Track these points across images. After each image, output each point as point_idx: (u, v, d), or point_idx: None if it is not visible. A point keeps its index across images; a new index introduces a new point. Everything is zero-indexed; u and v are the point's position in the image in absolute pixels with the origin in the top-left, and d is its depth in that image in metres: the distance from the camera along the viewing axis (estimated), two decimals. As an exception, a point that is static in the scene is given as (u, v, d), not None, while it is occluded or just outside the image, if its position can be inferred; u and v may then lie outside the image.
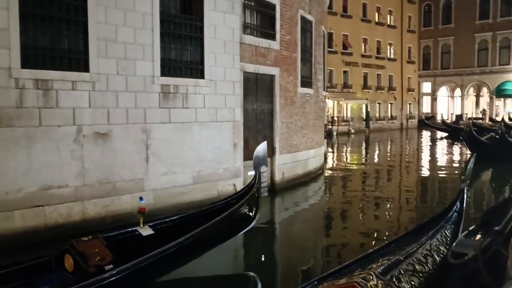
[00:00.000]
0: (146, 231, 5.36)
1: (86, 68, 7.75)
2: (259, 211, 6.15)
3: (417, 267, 4.30)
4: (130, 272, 4.58)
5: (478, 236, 5.36)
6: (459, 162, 20.19)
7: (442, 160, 21.07)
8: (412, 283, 4.03)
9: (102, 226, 7.72)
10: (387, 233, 8.32)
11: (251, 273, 6.69)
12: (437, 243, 5.00)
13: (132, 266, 4.58)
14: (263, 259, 7.39)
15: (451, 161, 20.80)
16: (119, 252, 4.82)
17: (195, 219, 5.75)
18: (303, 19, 13.13)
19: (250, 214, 6.04)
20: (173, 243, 4.94)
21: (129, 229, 5.43)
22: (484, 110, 46.15)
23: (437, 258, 4.65)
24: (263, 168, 6.42)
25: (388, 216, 9.91)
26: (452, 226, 5.56)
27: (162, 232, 5.45)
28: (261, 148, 6.38)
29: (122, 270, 4.52)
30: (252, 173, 6.53)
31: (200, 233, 5.21)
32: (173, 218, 5.93)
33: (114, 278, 4.46)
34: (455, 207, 5.83)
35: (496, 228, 3.17)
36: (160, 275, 5.34)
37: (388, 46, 43.18)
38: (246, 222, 6.05)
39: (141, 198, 5.97)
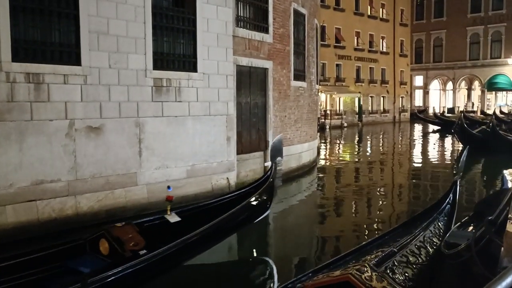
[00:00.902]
0: (173, 218, 5.70)
1: (77, 62, 7.67)
2: (273, 200, 6.57)
3: (410, 258, 4.32)
4: (162, 256, 4.90)
5: (471, 228, 5.40)
6: (451, 155, 20.32)
7: (434, 153, 21.20)
8: (406, 274, 4.05)
9: (95, 220, 7.68)
10: (379, 225, 8.37)
11: (266, 258, 6.95)
12: (430, 234, 5.03)
13: (163, 251, 4.90)
14: (261, 248, 7.50)
15: (443, 154, 20.92)
16: (149, 238, 5.12)
17: (217, 207, 6.14)
18: (296, 12, 13.10)
19: (266, 202, 6.45)
20: (199, 230, 5.28)
21: (158, 216, 5.81)
22: (472, 104, 46.19)
23: (431, 250, 4.68)
24: (278, 159, 6.75)
25: (381, 208, 9.95)
26: (445, 218, 5.60)
27: (187, 218, 5.74)
28: (277, 140, 6.95)
29: (155, 255, 4.84)
30: (268, 163, 6.99)
31: (223, 220, 5.60)
32: (198, 205, 6.42)
33: (147, 262, 4.78)
34: (448, 199, 5.87)
35: (490, 218, 3.20)
36: (186, 259, 5.64)
37: (381, 40, 43.21)
38: (262, 210, 6.46)
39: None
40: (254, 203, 6.22)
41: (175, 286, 5.61)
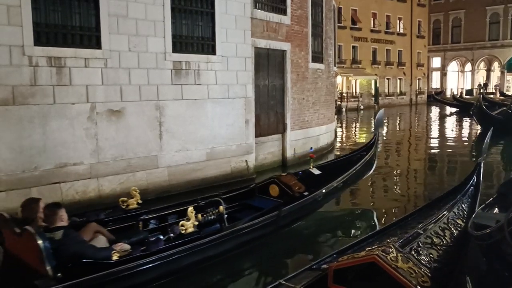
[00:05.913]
0: (315, 171, 7.40)
1: (98, 45, 7.71)
2: (376, 160, 8.10)
3: (435, 240, 4.31)
4: (316, 198, 6.52)
5: (496, 209, 5.35)
6: (469, 137, 20.04)
7: (452, 135, 20.93)
8: (431, 255, 4.04)
9: (117, 203, 7.78)
10: (396, 210, 8.31)
11: (369, 208, 8.52)
12: (454, 216, 5.00)
13: (318, 194, 6.54)
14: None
15: (461, 136, 20.65)
16: (303, 185, 6.71)
17: (341, 165, 7.62)
18: (314, -7, 12.92)
19: (372, 163, 7.96)
20: (336, 180, 6.92)
21: (304, 170, 7.53)
22: (480, 85, 44.76)
23: (455, 231, 4.66)
24: (379, 130, 8.42)
25: (398, 191, 9.91)
26: (469, 199, 5.55)
27: (324, 172, 7.33)
28: (380, 114, 8.38)
29: (313, 196, 6.46)
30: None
31: (349, 174, 7.20)
32: (328, 163, 8.35)
33: (309, 201, 6.40)
34: (471, 181, 5.82)
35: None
36: (326, 202, 7.30)
37: (398, 21, 42.46)
38: (370, 169, 7.96)
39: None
40: (366, 163, 7.65)
41: (317, 221, 7.29)
